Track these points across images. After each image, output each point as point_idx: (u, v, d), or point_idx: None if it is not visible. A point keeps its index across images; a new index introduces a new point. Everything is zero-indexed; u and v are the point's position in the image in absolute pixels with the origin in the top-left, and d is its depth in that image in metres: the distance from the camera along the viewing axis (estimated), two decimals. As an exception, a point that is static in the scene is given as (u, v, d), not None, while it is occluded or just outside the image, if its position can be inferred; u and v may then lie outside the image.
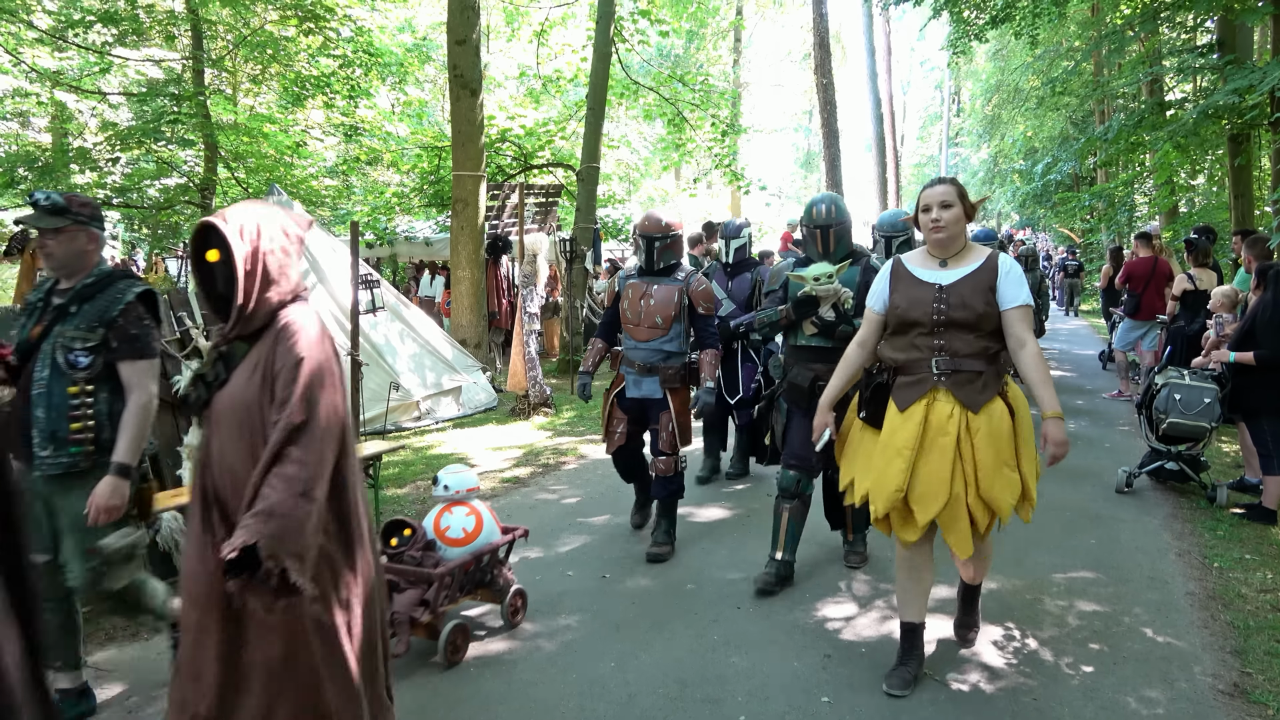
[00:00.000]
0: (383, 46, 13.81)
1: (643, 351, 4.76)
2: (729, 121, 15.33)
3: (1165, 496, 5.99)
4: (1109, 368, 11.35)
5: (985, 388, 3.10)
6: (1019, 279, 3.12)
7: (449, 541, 3.66)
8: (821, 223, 4.23)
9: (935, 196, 3.13)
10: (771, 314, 4.31)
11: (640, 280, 4.83)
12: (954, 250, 3.18)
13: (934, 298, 3.13)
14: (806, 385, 4.15)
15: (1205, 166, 14.88)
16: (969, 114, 38.19)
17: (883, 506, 3.16)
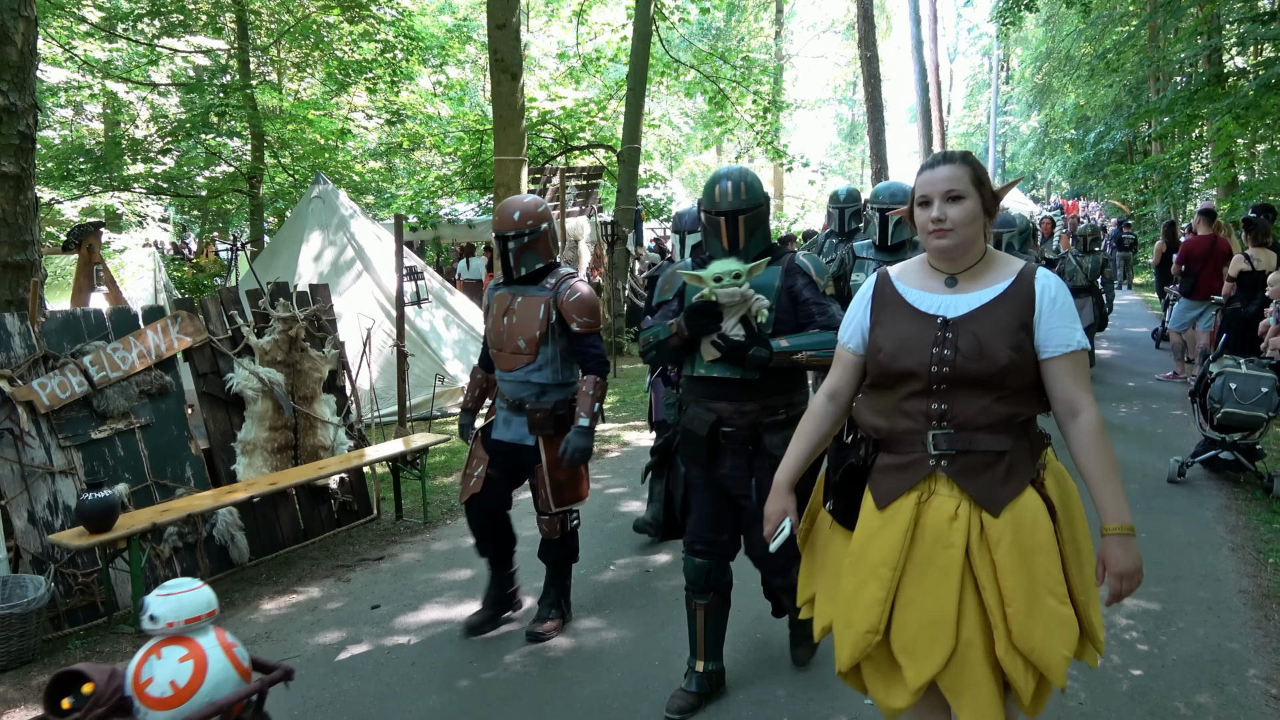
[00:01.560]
0: (423, 29, 13.86)
1: (509, 384, 3.69)
2: (771, 98, 15.15)
3: (1219, 486, 5.87)
4: (1162, 346, 11.09)
5: (1010, 476, 2.02)
6: (1068, 310, 2.06)
7: (151, 702, 2.21)
8: (727, 207, 3.03)
9: (938, 183, 2.06)
10: (659, 330, 3.08)
11: (506, 291, 3.72)
12: (967, 263, 2.12)
13: (934, 339, 2.06)
14: (705, 434, 2.98)
15: (1267, 137, 14.36)
16: (1018, 81, 37.31)
17: (849, 654, 2.12)
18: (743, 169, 3.17)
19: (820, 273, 3.09)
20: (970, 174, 2.07)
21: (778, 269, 3.06)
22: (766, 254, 3.09)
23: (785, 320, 2.98)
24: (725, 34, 27.97)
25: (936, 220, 2.05)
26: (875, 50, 18.38)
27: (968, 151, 2.15)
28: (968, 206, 2.05)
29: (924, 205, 2.09)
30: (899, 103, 41.75)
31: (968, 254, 2.11)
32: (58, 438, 4.13)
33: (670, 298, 3.19)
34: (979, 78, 45.70)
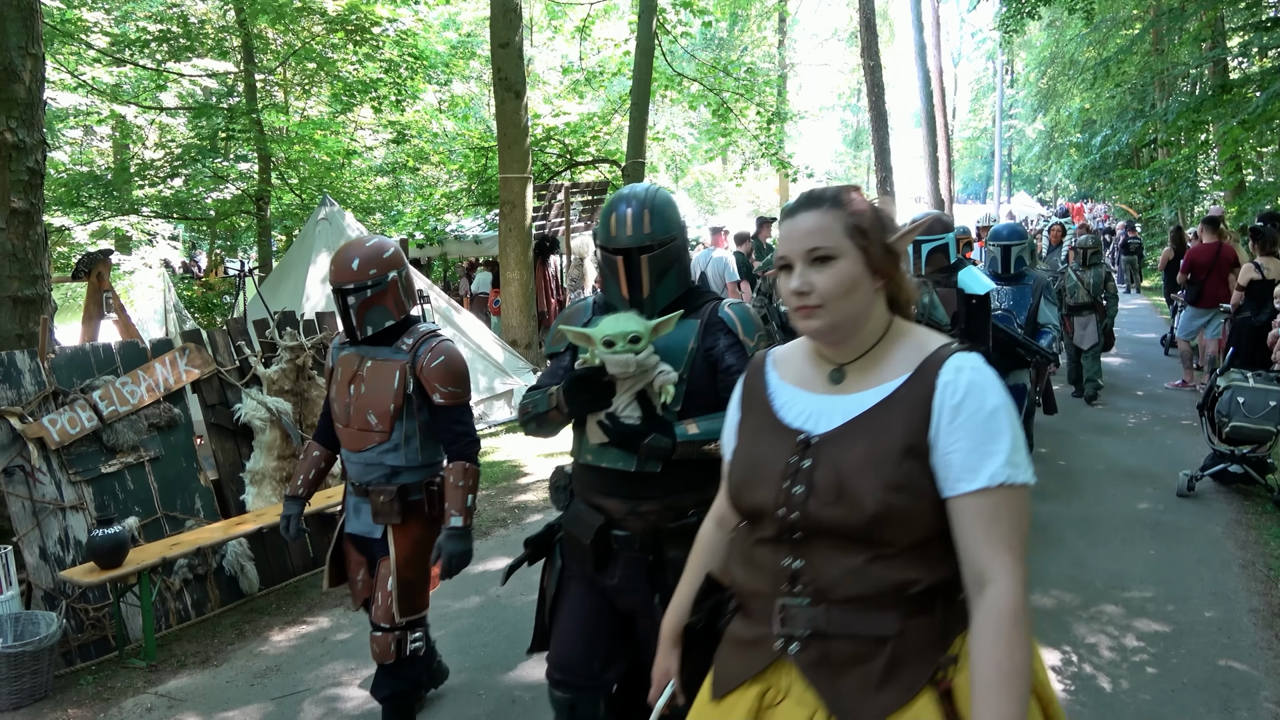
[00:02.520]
0: (427, 47, 13.94)
1: (356, 465, 3.00)
2: (775, 109, 15.17)
3: (1229, 500, 5.84)
4: (1171, 353, 11.04)
5: (892, 676, 1.37)
6: (987, 422, 1.36)
7: None
8: (625, 242, 2.30)
9: (798, 238, 1.45)
10: (538, 400, 2.39)
11: (353, 353, 3.02)
12: (855, 349, 1.49)
13: (786, 467, 1.45)
14: (590, 539, 2.27)
15: (1275, 140, 14.31)
16: (1023, 85, 37.28)
17: None
18: (651, 190, 2.39)
19: (750, 329, 2.30)
20: (845, 221, 1.42)
21: (695, 324, 2.30)
22: (681, 304, 2.33)
23: (701, 394, 2.24)
24: (729, 44, 28.03)
25: (798, 293, 1.41)
26: (878, 59, 18.40)
27: (846, 188, 1.50)
28: (842, 271, 1.40)
29: (785, 270, 1.44)
30: (904, 108, 41.76)
31: (853, 337, 1.46)
32: (68, 473, 4.16)
33: (562, 349, 2.47)
34: (984, 81, 45.67)
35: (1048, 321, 5.33)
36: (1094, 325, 8.74)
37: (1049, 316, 5.35)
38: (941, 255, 4.43)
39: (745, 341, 2.29)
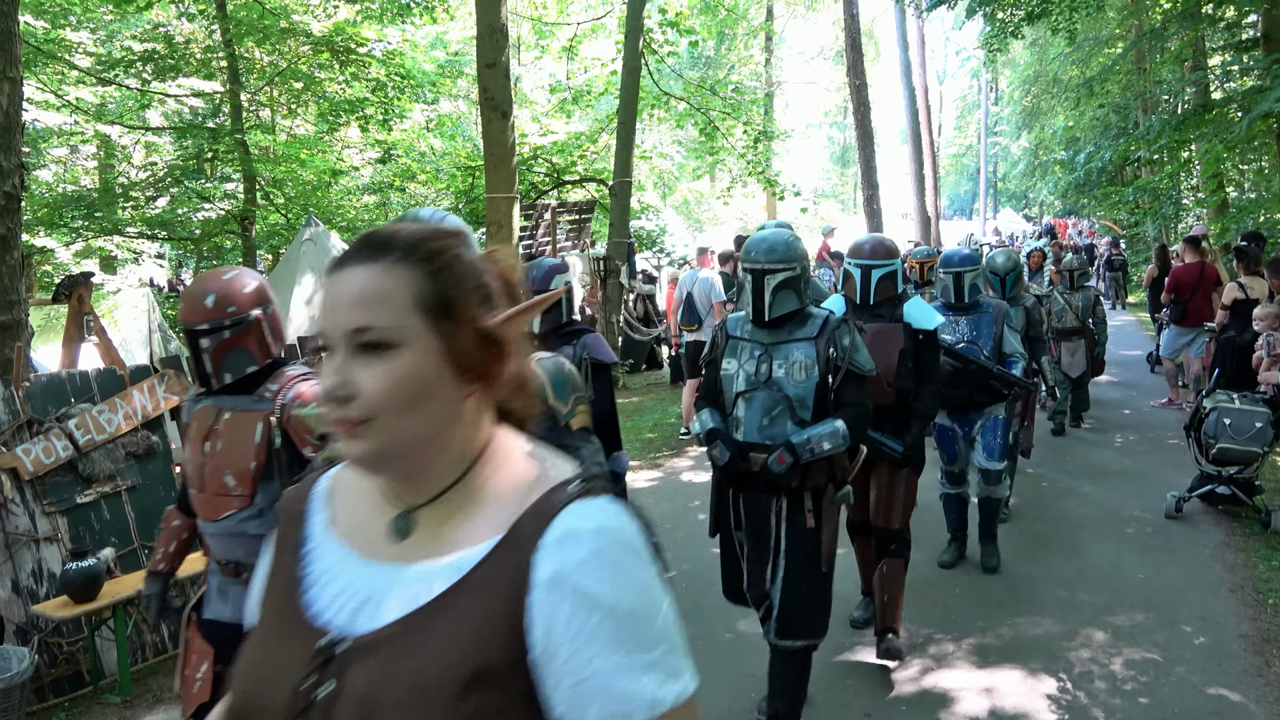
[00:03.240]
0: (414, 66, 13.94)
1: (216, 538, 2.50)
2: (761, 128, 15.22)
3: (1217, 521, 5.83)
4: (1157, 370, 11.07)
5: None
6: (622, 620, 0.85)
7: None
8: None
9: (340, 308, 0.91)
10: None
11: (210, 404, 2.50)
12: (430, 485, 0.95)
13: (297, 689, 0.88)
14: None
15: (1254, 160, 14.46)
16: (1008, 103, 37.60)
17: None
18: (439, 218, 1.92)
19: (561, 390, 2.05)
20: (417, 288, 0.91)
21: None
22: None
23: None
24: (716, 62, 28.18)
25: (333, 396, 0.90)
26: (864, 78, 18.51)
27: (436, 233, 0.97)
28: (403, 367, 0.89)
29: (327, 354, 0.92)
30: (891, 125, 42.07)
31: (424, 470, 0.94)
32: (42, 504, 4.09)
33: None
34: (969, 99, 46.09)
35: (1014, 350, 4.90)
36: (1083, 352, 8.26)
37: (1014, 345, 4.93)
38: (890, 284, 3.95)
39: (556, 406, 2.01)
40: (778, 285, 3.14)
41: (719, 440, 3.15)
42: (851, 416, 3.11)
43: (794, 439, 3.04)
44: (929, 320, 3.90)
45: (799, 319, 3.20)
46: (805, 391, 3.11)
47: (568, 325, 3.50)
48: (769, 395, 3.14)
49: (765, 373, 3.16)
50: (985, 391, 4.76)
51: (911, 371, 3.87)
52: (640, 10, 12.19)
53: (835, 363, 3.10)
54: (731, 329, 3.32)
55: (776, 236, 3.24)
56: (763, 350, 3.19)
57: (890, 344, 3.83)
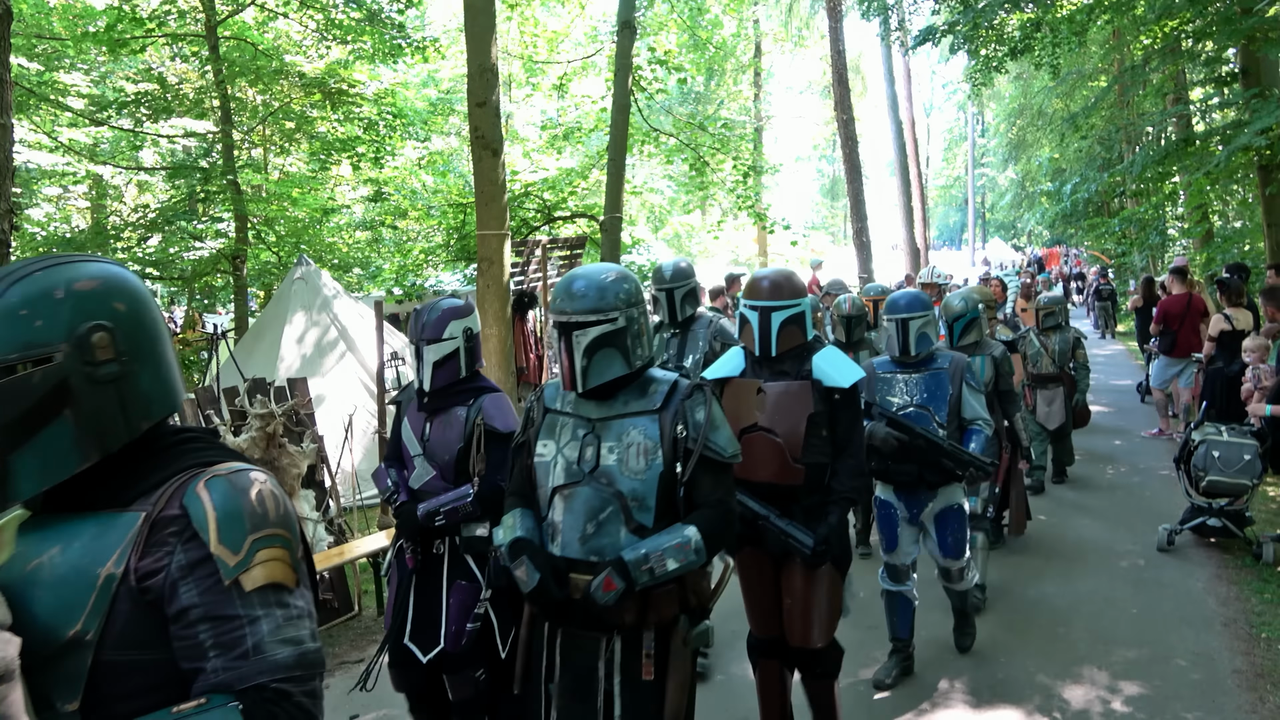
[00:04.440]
0: (405, 104, 14.07)
1: None
2: (750, 163, 15.37)
3: (1209, 554, 5.83)
4: (1147, 400, 11.12)
5: None
6: None
7: None
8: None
9: None
10: None
11: None
12: None
13: None
14: None
15: (1237, 191, 14.65)
16: (994, 135, 38.04)
17: None
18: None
19: (233, 529, 1.26)
20: None
21: (134, 520, 1.25)
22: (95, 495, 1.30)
23: (137, 669, 1.22)
24: (706, 98, 28.47)
25: None
26: (851, 113, 18.74)
27: None
28: None
29: None
30: (880, 157, 42.46)
31: None
32: (29, 551, 4.04)
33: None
34: (956, 131, 46.65)
35: (976, 417, 3.98)
36: (1060, 401, 7.37)
37: (976, 409, 3.99)
38: (796, 331, 3.17)
39: (220, 557, 1.23)
40: (593, 343, 2.32)
41: (525, 556, 2.29)
42: (709, 520, 2.28)
43: (627, 555, 2.20)
44: (844, 375, 3.10)
45: (638, 385, 2.40)
46: (644, 485, 2.29)
47: (466, 382, 3.16)
48: (595, 491, 2.31)
49: (591, 460, 2.33)
50: (937, 470, 3.86)
51: (826, 441, 3.08)
52: (629, 49, 12.35)
53: (685, 444, 2.30)
54: (549, 399, 2.51)
55: (592, 276, 2.38)
56: (588, 429, 2.37)
57: (796, 407, 3.08)
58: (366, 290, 13.61)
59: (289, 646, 1.25)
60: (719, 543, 2.32)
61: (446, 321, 3.10)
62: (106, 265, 1.35)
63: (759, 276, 3.28)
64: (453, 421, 3.14)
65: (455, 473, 3.14)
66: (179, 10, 10.50)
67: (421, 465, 3.18)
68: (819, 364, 3.12)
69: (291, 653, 1.24)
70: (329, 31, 11.29)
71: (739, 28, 25.71)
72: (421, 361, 3.13)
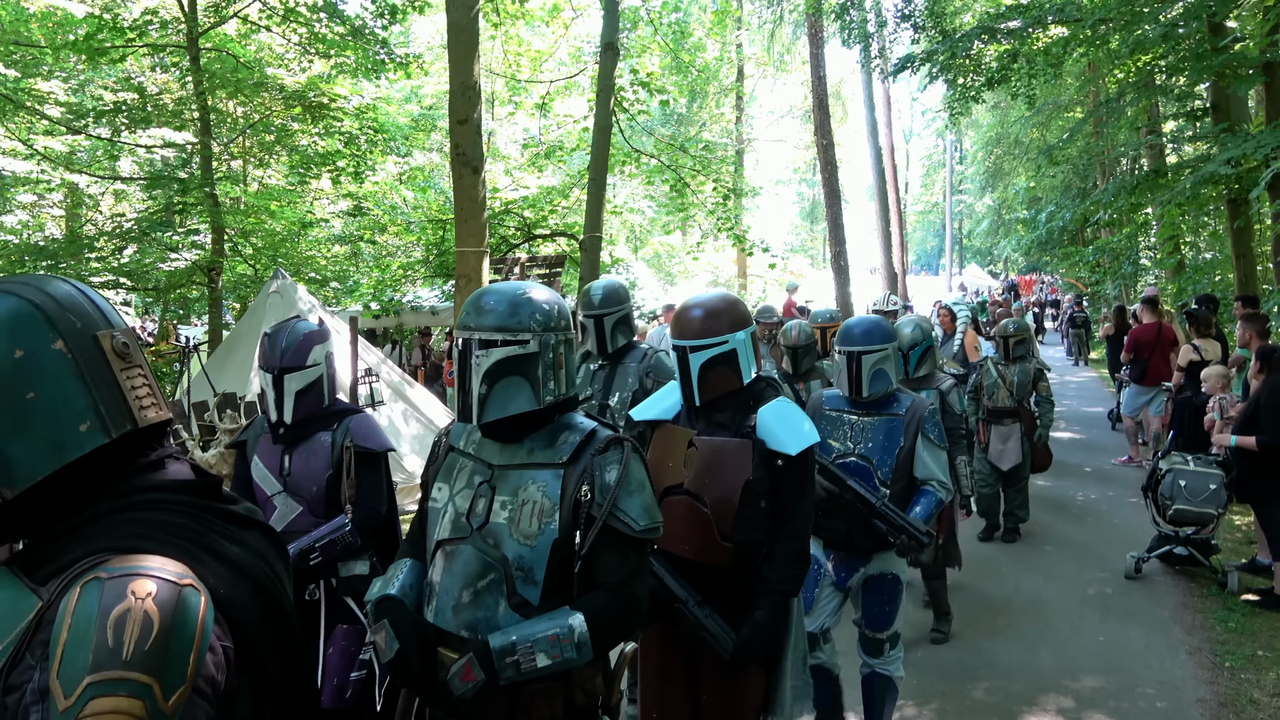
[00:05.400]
0: (387, 120, 14.06)
1: None
2: (730, 185, 15.48)
3: (1176, 582, 5.89)
4: (1118, 428, 11.24)
5: None
6: None
7: None
8: None
9: None
10: None
11: None
12: None
13: None
14: None
15: (1208, 223, 14.92)
16: (972, 162, 38.55)
17: None
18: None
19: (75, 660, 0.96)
20: None
21: None
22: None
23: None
24: (688, 119, 28.68)
25: None
26: (831, 138, 18.93)
27: None
28: None
29: None
30: (860, 181, 42.96)
31: None
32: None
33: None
34: (935, 157, 47.19)
35: (930, 477, 3.34)
36: (1017, 438, 6.62)
37: (932, 469, 3.35)
38: (726, 373, 2.59)
39: (54, 694, 0.95)
40: (496, 367, 1.95)
41: (386, 621, 1.92)
42: (604, 608, 1.89)
43: (494, 640, 1.82)
44: (793, 437, 2.53)
45: (549, 431, 2.01)
46: (533, 554, 1.90)
47: (329, 407, 2.98)
48: (478, 553, 1.93)
49: (481, 514, 1.95)
50: (869, 533, 3.25)
51: (764, 515, 2.53)
52: (611, 70, 12.43)
53: (589, 510, 1.91)
54: (454, 435, 2.15)
55: (507, 290, 2.04)
56: (486, 476, 2.00)
57: (731, 470, 2.53)
58: (344, 305, 13.54)
59: None
60: (613, 636, 1.93)
61: (309, 347, 2.87)
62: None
63: (686, 305, 2.71)
64: (317, 449, 2.90)
65: (325, 505, 2.87)
66: (160, 21, 10.46)
67: (283, 503, 2.90)
68: (765, 420, 2.56)
69: None
70: (312, 45, 11.29)
71: (722, 51, 25.95)
72: (281, 391, 2.86)
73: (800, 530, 2.55)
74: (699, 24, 20.28)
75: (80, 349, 1.13)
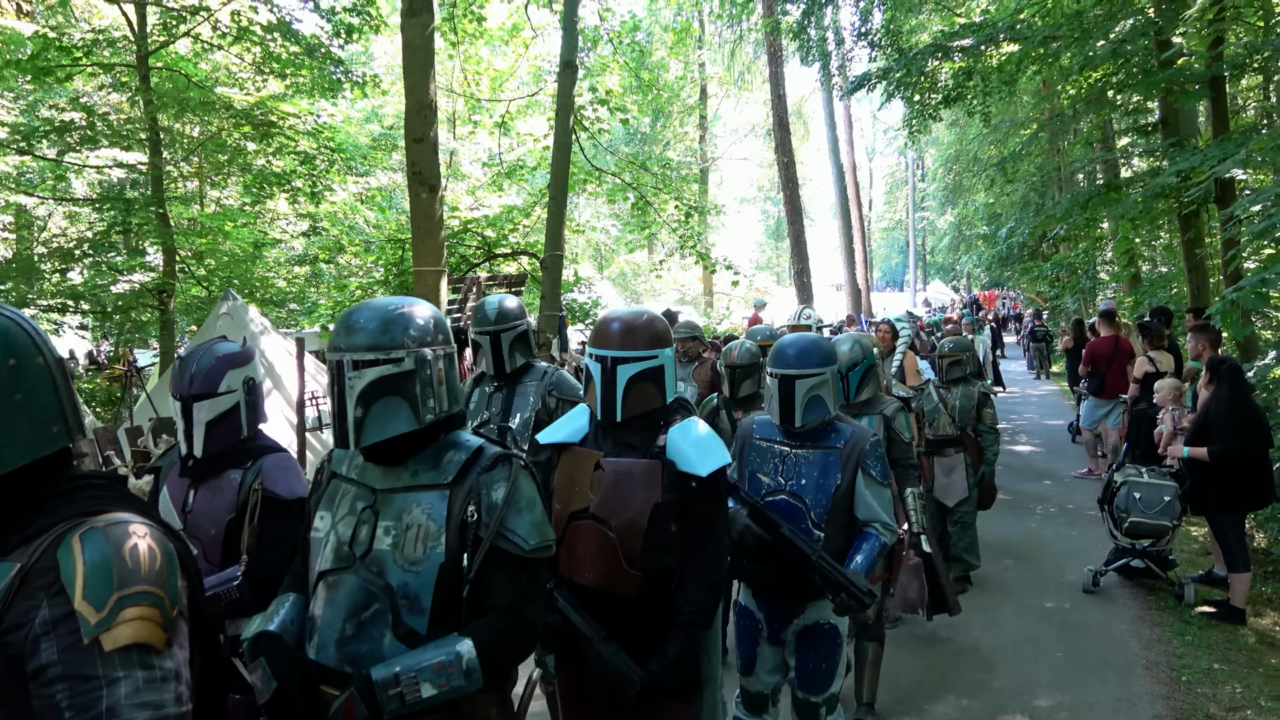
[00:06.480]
0: (346, 140, 13.94)
1: None
2: (693, 204, 15.49)
3: (1133, 595, 5.87)
4: (1077, 440, 11.31)
5: None
6: None
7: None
8: None
9: None
10: None
11: None
12: None
13: None
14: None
15: (1162, 237, 15.15)
16: (933, 179, 39.06)
17: None
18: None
19: (100, 583, 1.24)
20: None
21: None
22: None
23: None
24: (652, 139, 28.79)
25: None
26: (792, 155, 19.05)
27: None
28: None
29: None
30: (825, 199, 43.30)
31: None
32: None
33: None
34: (897, 175, 47.80)
35: (873, 518, 2.97)
36: (961, 470, 5.91)
37: (874, 509, 2.97)
38: (649, 390, 2.49)
39: (82, 614, 1.21)
40: (370, 388, 1.86)
41: (262, 659, 1.79)
42: (493, 633, 1.82)
43: (376, 673, 1.73)
44: (704, 457, 2.41)
45: (434, 451, 1.93)
46: (419, 580, 1.81)
47: (246, 442, 2.67)
48: (361, 583, 1.84)
49: (365, 541, 1.86)
50: (804, 581, 2.87)
51: (675, 539, 2.41)
52: (570, 88, 12.39)
53: (475, 531, 1.83)
54: (337, 460, 2.04)
55: (379, 306, 1.95)
56: (369, 501, 1.90)
57: (639, 493, 2.40)
58: (301, 326, 13.32)
59: (146, 711, 1.21)
60: (505, 662, 1.84)
61: (223, 372, 2.60)
62: None
63: (608, 317, 2.56)
64: (224, 487, 2.58)
65: (223, 552, 2.54)
66: (108, 40, 10.28)
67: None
68: (675, 439, 2.43)
69: (149, 717, 1.21)
70: (265, 65, 11.15)
71: (686, 70, 26.13)
72: (190, 421, 2.57)
73: (713, 557, 2.43)
74: (661, 43, 20.41)
75: (55, 365, 1.38)
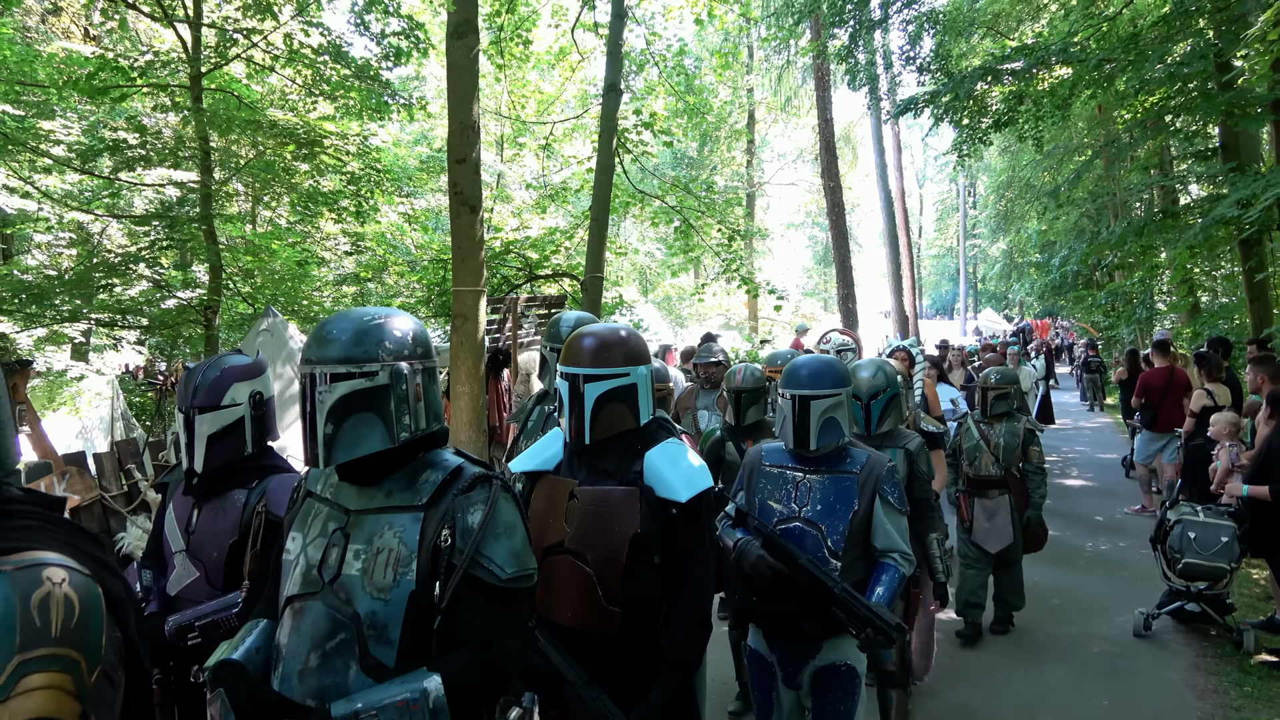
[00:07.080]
0: (393, 161, 14.10)
1: None
2: (735, 227, 15.38)
3: (1188, 640, 5.55)
4: (1131, 475, 10.88)
5: None
6: None
7: None
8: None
9: None
10: None
11: None
12: None
13: None
14: None
15: (1224, 266, 14.65)
16: (984, 206, 38.47)
17: None
18: None
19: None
20: None
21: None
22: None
23: None
24: (699, 163, 28.78)
25: None
26: (838, 180, 18.84)
27: None
28: None
29: None
30: (875, 225, 42.90)
31: None
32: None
33: None
34: (948, 201, 47.16)
35: (892, 547, 2.80)
36: (1006, 513, 5.45)
37: (892, 538, 2.79)
38: (622, 412, 2.34)
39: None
40: (341, 403, 1.76)
41: (222, 690, 1.64)
42: (463, 669, 1.69)
43: (336, 709, 1.61)
44: (684, 481, 2.27)
45: (410, 470, 1.83)
46: (388, 609, 1.71)
47: (252, 460, 2.55)
48: (327, 610, 1.73)
49: (334, 565, 1.76)
50: (820, 618, 2.67)
51: (658, 571, 2.28)
52: (614, 111, 12.41)
53: (449, 557, 1.72)
54: (312, 479, 1.96)
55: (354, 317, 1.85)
56: (342, 523, 1.80)
57: (616, 523, 2.26)
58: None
59: None
60: (475, 701, 1.70)
61: (227, 384, 2.50)
62: None
63: (580, 333, 2.40)
64: (227, 508, 2.48)
65: (225, 575, 2.44)
66: (163, 61, 10.52)
67: (182, 564, 2.48)
68: (653, 463, 2.29)
69: None
70: (315, 87, 11.33)
71: (734, 95, 26.11)
72: (192, 434, 2.48)
73: (698, 590, 2.26)
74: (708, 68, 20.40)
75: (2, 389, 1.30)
